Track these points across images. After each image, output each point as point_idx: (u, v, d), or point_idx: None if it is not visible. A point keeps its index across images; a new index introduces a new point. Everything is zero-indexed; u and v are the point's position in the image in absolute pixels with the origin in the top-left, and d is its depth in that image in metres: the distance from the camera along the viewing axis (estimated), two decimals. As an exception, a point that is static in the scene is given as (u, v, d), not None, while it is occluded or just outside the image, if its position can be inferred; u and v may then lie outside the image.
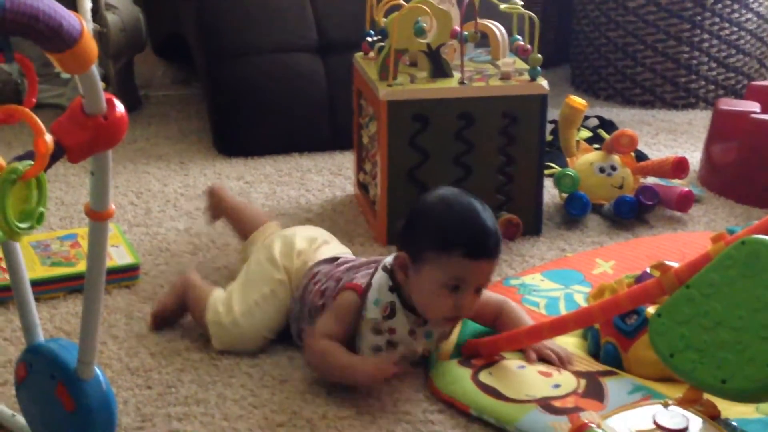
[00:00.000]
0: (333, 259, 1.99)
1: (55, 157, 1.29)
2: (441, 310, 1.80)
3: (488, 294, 1.91)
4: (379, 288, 1.84)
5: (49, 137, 1.26)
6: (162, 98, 3.60)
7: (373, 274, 1.86)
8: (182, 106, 3.52)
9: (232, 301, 1.98)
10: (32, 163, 1.26)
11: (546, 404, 1.74)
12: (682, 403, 1.65)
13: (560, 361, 1.85)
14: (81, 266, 2.18)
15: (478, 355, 1.90)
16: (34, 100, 1.31)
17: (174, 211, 2.64)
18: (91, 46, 1.24)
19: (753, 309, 1.55)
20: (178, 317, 2.07)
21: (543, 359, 1.85)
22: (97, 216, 1.42)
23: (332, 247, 2.07)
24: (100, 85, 1.31)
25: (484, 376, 1.82)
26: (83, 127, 1.32)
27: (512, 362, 1.87)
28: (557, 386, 1.80)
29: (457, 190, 1.86)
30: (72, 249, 2.30)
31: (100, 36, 3.20)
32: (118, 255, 2.27)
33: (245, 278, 2.02)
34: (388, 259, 1.86)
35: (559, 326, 1.85)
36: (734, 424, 1.64)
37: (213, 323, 1.97)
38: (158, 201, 2.71)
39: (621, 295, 1.77)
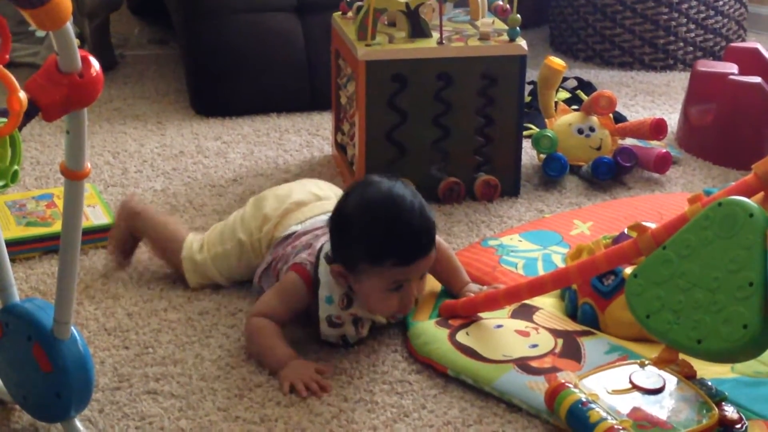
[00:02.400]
0: (289, 236, 1.97)
1: (29, 116, 1.27)
2: (388, 308, 1.82)
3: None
4: (328, 284, 1.82)
5: (23, 94, 1.25)
6: (138, 58, 3.57)
7: (316, 263, 1.84)
8: (159, 65, 3.49)
9: (208, 243, 2.04)
10: (5, 120, 1.25)
11: (523, 364, 1.75)
12: (658, 363, 1.67)
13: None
14: (57, 226, 2.17)
15: (456, 316, 1.90)
16: (8, 56, 1.29)
17: (151, 172, 2.63)
18: (66, 2, 1.22)
19: (729, 270, 1.56)
20: (134, 246, 2.14)
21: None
22: (73, 175, 1.41)
23: (298, 213, 2.02)
24: (75, 42, 1.29)
25: (461, 337, 1.83)
26: (58, 84, 1.30)
27: (489, 322, 1.88)
28: (534, 346, 1.81)
29: (379, 185, 1.80)
30: (48, 209, 2.28)
31: (76, -6, 3.17)
32: (94, 215, 2.26)
33: (224, 226, 2.06)
34: (328, 247, 1.84)
35: (537, 287, 1.85)
36: (710, 383, 1.65)
37: (187, 259, 2.03)
38: (135, 161, 2.69)
39: (598, 256, 1.78)
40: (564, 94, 3.01)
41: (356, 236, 1.77)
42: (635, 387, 1.62)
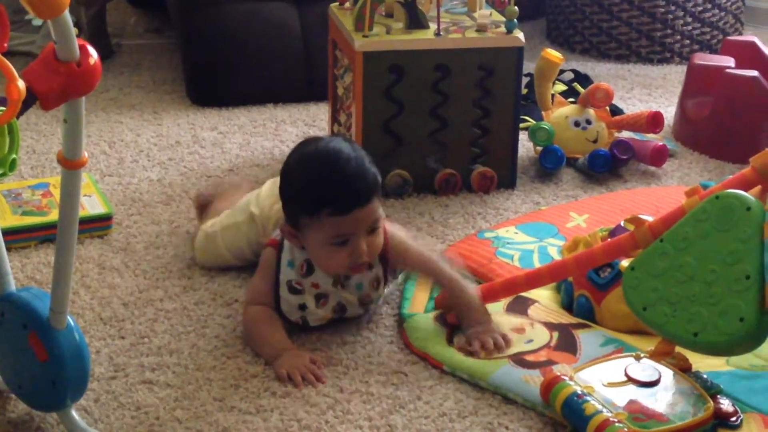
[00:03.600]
0: None
1: (27, 104, 1.27)
2: (338, 264, 1.79)
3: (413, 248, 1.89)
4: (290, 249, 1.83)
5: (21, 83, 1.24)
6: (135, 47, 3.56)
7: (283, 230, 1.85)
8: (155, 55, 3.48)
9: (221, 218, 2.06)
10: (3, 109, 1.24)
11: (518, 359, 1.75)
12: (654, 355, 1.67)
13: (497, 348, 1.78)
14: (53, 215, 2.17)
15: (451, 308, 1.90)
16: (6, 45, 1.29)
17: (147, 161, 2.62)
18: (64, -10, 1.22)
19: (725, 263, 1.56)
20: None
21: (483, 346, 1.78)
22: (70, 164, 1.41)
23: None
24: (73, 30, 1.29)
25: (456, 342, 1.82)
26: (56, 73, 1.30)
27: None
28: (530, 341, 1.81)
29: (319, 141, 1.82)
30: (44, 198, 2.28)
31: (72, -17, 3.16)
32: (90, 205, 2.25)
33: (238, 204, 2.07)
34: None
35: (534, 279, 1.85)
36: (705, 376, 1.66)
37: (200, 233, 2.07)
38: (131, 151, 2.69)
39: (595, 249, 1.78)
40: (561, 87, 3.01)
41: (293, 190, 1.78)
42: (631, 380, 1.62)
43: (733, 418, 1.58)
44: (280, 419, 1.64)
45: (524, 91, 2.88)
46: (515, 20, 2.38)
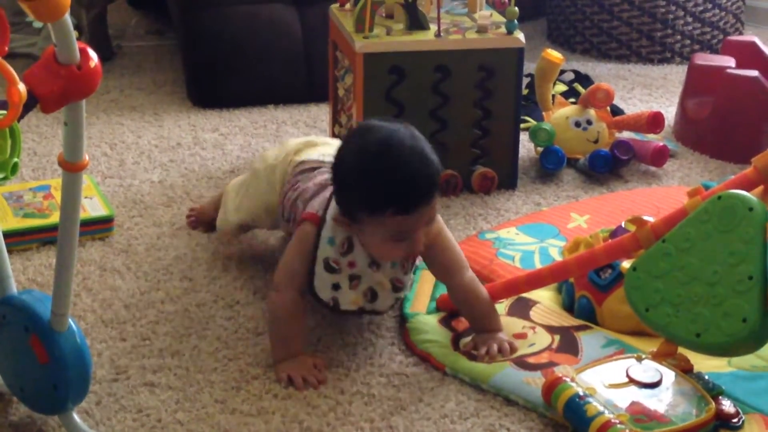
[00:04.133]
0: (313, 168, 1.92)
1: (28, 107, 1.27)
2: (393, 255, 1.75)
3: (448, 249, 1.82)
4: (332, 226, 1.75)
5: (22, 86, 1.24)
6: (136, 49, 3.56)
7: (327, 204, 1.77)
8: (156, 57, 3.48)
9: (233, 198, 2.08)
10: (5, 112, 1.24)
11: (520, 361, 1.75)
12: (657, 356, 1.67)
13: (501, 354, 1.77)
14: (54, 218, 2.17)
15: (453, 308, 1.90)
16: (7, 48, 1.29)
17: (148, 163, 2.62)
18: (64, -7, 1.22)
19: (728, 264, 1.56)
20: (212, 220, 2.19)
21: (488, 350, 1.77)
22: (71, 167, 1.41)
23: (320, 147, 1.99)
24: (74, 33, 1.29)
25: (462, 343, 1.82)
26: (56, 76, 1.30)
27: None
28: (532, 345, 1.81)
29: (379, 131, 1.71)
30: (45, 200, 2.28)
31: (73, -15, 3.16)
32: (91, 207, 2.25)
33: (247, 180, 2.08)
34: None
35: (536, 280, 1.85)
36: (707, 377, 1.66)
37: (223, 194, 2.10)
38: (132, 153, 2.69)
39: (597, 249, 1.78)
40: (561, 87, 3.01)
41: (353, 186, 1.70)
42: (632, 381, 1.62)
43: (735, 419, 1.58)
44: (282, 421, 1.64)
45: (525, 91, 2.88)
46: (515, 21, 2.38)
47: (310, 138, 2.06)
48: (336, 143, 1.93)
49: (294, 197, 1.89)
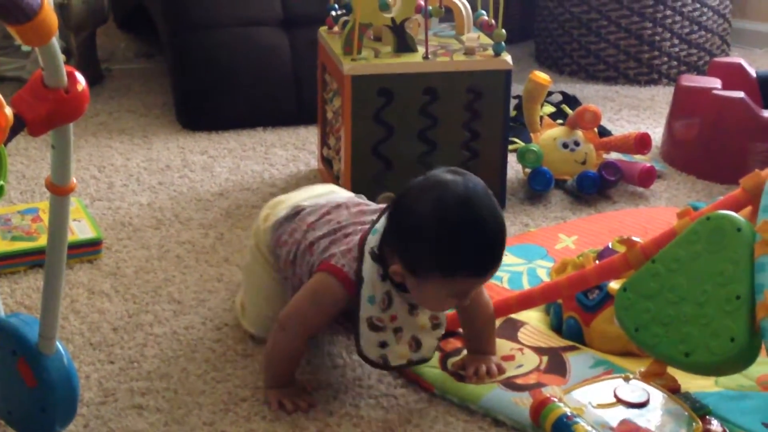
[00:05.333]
0: (292, 216, 1.87)
1: (15, 131, 1.27)
2: (442, 309, 1.72)
3: None
4: (372, 282, 1.68)
5: (9, 110, 1.25)
6: (125, 72, 3.57)
7: (360, 260, 1.69)
8: (145, 79, 3.49)
9: (244, 306, 1.95)
10: (-9, 136, 1.25)
11: (508, 382, 1.75)
12: (646, 376, 1.67)
13: (489, 375, 1.77)
14: (42, 240, 2.16)
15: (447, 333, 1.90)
16: (-6, 72, 1.29)
17: (137, 186, 2.63)
18: (52, 18, 1.23)
19: (717, 284, 1.57)
20: None
21: (476, 371, 1.77)
22: (59, 190, 1.41)
23: (292, 196, 1.95)
24: (61, 57, 1.29)
25: (450, 363, 1.82)
26: (44, 100, 1.30)
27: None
28: (520, 366, 1.81)
29: (456, 188, 1.62)
30: (33, 223, 2.28)
31: (62, 8, 3.17)
32: (80, 229, 2.25)
33: (245, 281, 1.98)
34: (373, 242, 1.69)
35: (526, 301, 1.86)
36: (694, 397, 1.66)
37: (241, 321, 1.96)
38: (121, 175, 2.69)
39: (588, 270, 1.79)
40: (549, 109, 3.02)
41: (429, 245, 1.61)
42: (620, 401, 1.62)
43: (722, 439, 1.59)
44: (270, 443, 1.64)
45: (513, 113, 2.89)
46: (503, 43, 2.39)
47: (274, 200, 1.98)
48: (304, 192, 1.93)
49: (287, 254, 1.82)
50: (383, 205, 1.79)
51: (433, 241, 1.61)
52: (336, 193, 1.94)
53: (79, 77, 1.34)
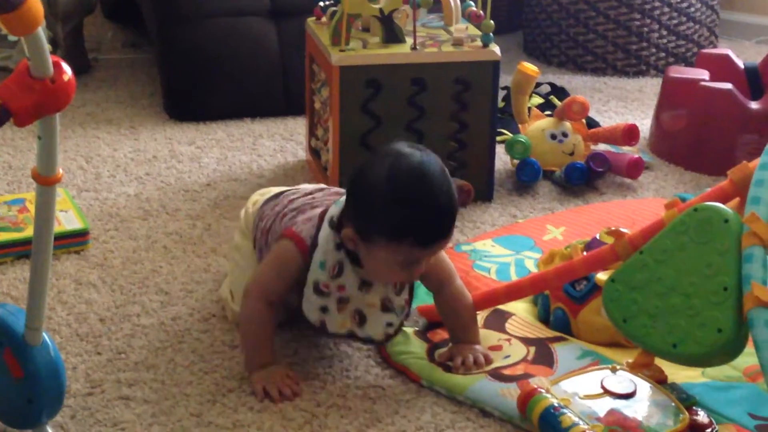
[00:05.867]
0: (277, 194, 1.93)
1: (0, 121, 1.27)
2: (392, 279, 1.76)
3: (440, 260, 1.81)
4: (325, 248, 1.73)
5: (-6, 100, 1.24)
6: (112, 62, 3.55)
7: (317, 227, 1.75)
8: (132, 70, 3.48)
9: (232, 293, 1.95)
10: (-23, 126, 1.24)
11: (496, 373, 1.76)
12: (634, 367, 1.68)
13: (476, 365, 1.78)
14: (29, 231, 2.14)
15: (431, 318, 1.90)
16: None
17: (124, 176, 2.62)
18: (37, 7, 1.22)
19: (704, 275, 1.57)
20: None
21: (464, 362, 1.78)
22: (45, 180, 1.41)
23: (278, 189, 1.98)
24: (47, 47, 1.29)
25: (437, 354, 1.82)
26: (30, 90, 1.30)
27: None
28: (507, 357, 1.81)
29: (410, 157, 1.68)
30: (20, 214, 2.27)
31: (49, -2, 3.16)
32: (66, 220, 2.25)
33: (233, 263, 1.99)
34: (334, 211, 1.75)
35: (515, 291, 1.86)
36: (681, 387, 1.66)
37: (229, 311, 1.96)
38: (108, 166, 2.69)
39: (576, 261, 1.79)
40: (537, 100, 3.02)
41: (379, 209, 1.66)
42: (607, 392, 1.63)
43: (709, 430, 1.59)
44: (258, 434, 1.64)
45: (501, 104, 2.89)
46: (491, 34, 2.39)
47: (264, 189, 2.03)
48: (294, 188, 1.96)
49: (266, 224, 1.88)
50: None
51: (383, 205, 1.66)
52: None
53: (65, 67, 1.33)
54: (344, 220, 1.73)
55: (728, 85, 2.69)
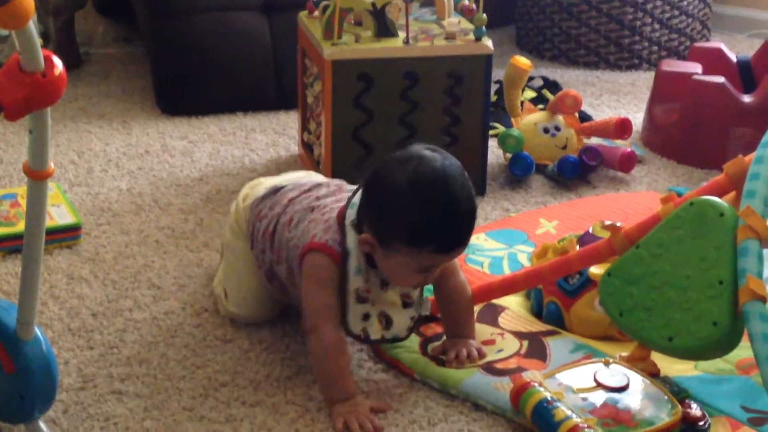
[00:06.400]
0: (273, 191, 1.89)
1: (-9, 115, 1.27)
2: (408, 283, 1.72)
3: None
4: (357, 254, 1.69)
5: (-15, 94, 1.24)
6: (104, 56, 3.54)
7: (342, 233, 1.70)
8: (124, 64, 3.47)
9: (225, 291, 1.93)
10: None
11: (489, 367, 1.76)
12: (630, 360, 1.68)
13: (469, 359, 1.77)
14: (21, 226, 2.15)
15: (428, 317, 1.90)
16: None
17: (116, 171, 2.61)
18: (28, 1, 1.22)
19: (699, 269, 1.57)
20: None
21: (456, 356, 1.77)
22: (36, 175, 1.40)
23: (276, 181, 1.96)
24: (38, 41, 1.28)
25: (431, 348, 1.82)
26: (21, 84, 1.29)
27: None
28: (500, 351, 1.81)
29: (434, 163, 1.64)
30: (12, 209, 2.26)
31: (40, -8, 3.15)
32: (58, 215, 2.24)
33: (225, 261, 1.97)
34: (352, 214, 1.70)
35: (510, 285, 1.86)
36: (673, 381, 1.67)
37: (221, 306, 1.95)
38: (100, 160, 2.68)
39: (572, 255, 1.79)
40: (530, 93, 3.02)
41: (399, 215, 1.63)
42: (600, 385, 1.63)
43: (702, 422, 1.59)
44: (250, 428, 1.63)
45: (493, 98, 2.89)
46: (484, 28, 2.39)
47: (254, 181, 2.00)
48: (285, 176, 1.94)
49: (267, 226, 1.83)
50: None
51: (405, 212, 1.63)
52: (315, 177, 1.95)
53: (57, 61, 1.33)
54: (361, 223, 1.70)
55: (721, 79, 2.69)
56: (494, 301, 1.94)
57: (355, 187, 1.82)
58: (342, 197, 1.79)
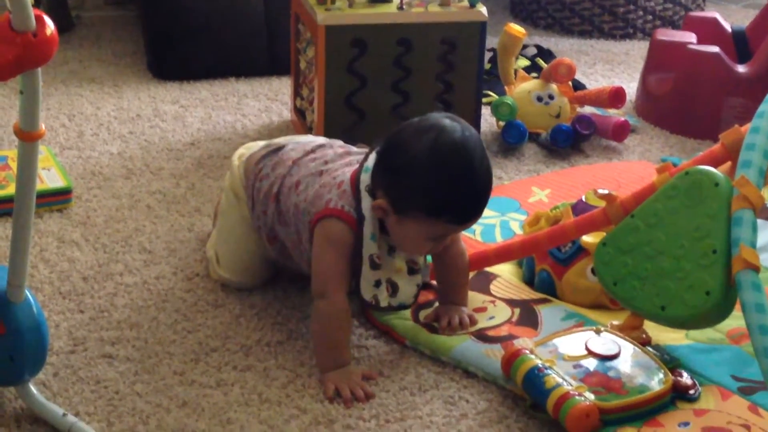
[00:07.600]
0: (275, 150, 1.87)
1: (-19, 75, 1.25)
2: (417, 252, 1.72)
3: None
4: (372, 220, 1.67)
5: (-25, 54, 1.23)
6: (95, 19, 3.52)
7: (357, 198, 1.68)
8: (116, 27, 3.45)
9: (217, 255, 1.92)
10: (-42, 80, 1.22)
11: (480, 334, 1.76)
12: (623, 329, 1.68)
13: (461, 326, 1.77)
14: (11, 189, 2.14)
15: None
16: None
17: (107, 135, 2.60)
18: (19, -41, 1.20)
19: (694, 238, 1.57)
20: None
21: (449, 322, 1.77)
22: (27, 136, 1.39)
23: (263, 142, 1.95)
24: (29, 0, 1.27)
25: (423, 315, 1.82)
26: (11, 43, 1.28)
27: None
28: (492, 318, 1.81)
29: (454, 134, 1.63)
30: (2, 171, 2.25)
31: (31, -46, 3.12)
32: (49, 178, 2.23)
33: (219, 226, 1.96)
34: (366, 179, 1.68)
35: (505, 253, 1.86)
36: (664, 349, 1.67)
37: (213, 270, 1.95)
38: (91, 124, 2.66)
39: (567, 224, 1.79)
40: (524, 62, 3.01)
41: (418, 184, 1.62)
42: (591, 353, 1.63)
43: (692, 391, 1.59)
44: (241, 393, 1.63)
45: (487, 65, 2.88)
46: (478, -6, 2.37)
47: (249, 143, 1.97)
48: (283, 138, 1.91)
49: (270, 187, 1.81)
50: (366, 148, 1.78)
51: (424, 182, 1.62)
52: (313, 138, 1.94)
53: (48, 21, 1.31)
54: (374, 189, 1.68)
55: (715, 49, 2.69)
56: (486, 268, 1.93)
57: (361, 149, 1.82)
58: (351, 161, 1.77)
